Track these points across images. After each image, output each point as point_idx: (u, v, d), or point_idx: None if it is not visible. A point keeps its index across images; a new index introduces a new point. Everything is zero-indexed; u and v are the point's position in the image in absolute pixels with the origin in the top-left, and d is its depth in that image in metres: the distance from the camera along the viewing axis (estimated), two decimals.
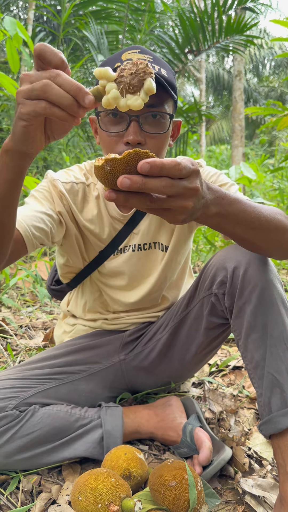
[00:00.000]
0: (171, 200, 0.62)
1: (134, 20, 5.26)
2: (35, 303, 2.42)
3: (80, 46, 5.52)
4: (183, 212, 0.64)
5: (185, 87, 17.90)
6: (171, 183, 0.59)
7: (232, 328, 1.00)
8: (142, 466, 0.99)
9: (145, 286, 1.23)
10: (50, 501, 0.96)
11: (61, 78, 0.59)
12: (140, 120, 0.96)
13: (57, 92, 0.58)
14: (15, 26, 2.16)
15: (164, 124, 1.00)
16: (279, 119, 2.91)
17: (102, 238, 1.16)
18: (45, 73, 0.60)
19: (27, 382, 1.09)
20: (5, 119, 5.18)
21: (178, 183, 0.60)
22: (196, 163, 0.65)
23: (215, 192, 0.72)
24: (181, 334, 1.19)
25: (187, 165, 0.61)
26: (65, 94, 0.58)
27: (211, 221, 0.75)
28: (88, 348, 1.24)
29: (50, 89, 0.58)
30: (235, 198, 0.76)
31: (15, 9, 7.99)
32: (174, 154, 5.62)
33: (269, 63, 16.50)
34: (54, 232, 1.06)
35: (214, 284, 1.04)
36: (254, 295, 0.93)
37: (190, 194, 0.63)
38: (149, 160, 0.57)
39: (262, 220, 0.80)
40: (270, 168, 8.18)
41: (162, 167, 0.58)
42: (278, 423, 0.86)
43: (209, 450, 1.03)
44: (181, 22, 4.86)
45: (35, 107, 0.59)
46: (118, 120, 0.98)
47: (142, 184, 0.58)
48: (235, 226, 0.78)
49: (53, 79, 0.59)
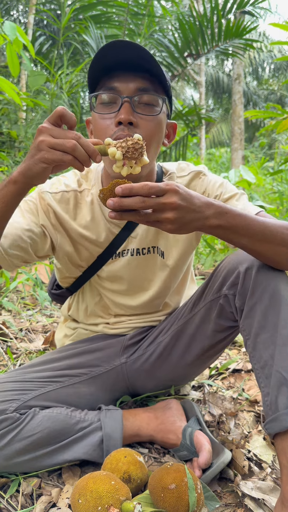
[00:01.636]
0: (154, 213, 0.80)
1: (134, 24, 5.29)
2: (35, 306, 2.43)
3: (80, 50, 5.54)
4: (169, 223, 0.81)
5: (185, 91, 17.96)
6: (142, 199, 0.77)
7: (242, 327, 1.00)
8: (142, 469, 0.99)
9: (146, 293, 1.23)
10: (50, 504, 0.97)
11: (82, 140, 0.78)
12: (132, 102, 0.98)
13: (81, 152, 0.78)
14: (15, 30, 2.18)
15: (156, 109, 1.02)
16: (279, 122, 2.92)
17: (99, 242, 1.16)
18: (71, 133, 0.79)
19: (27, 385, 1.09)
20: (5, 123, 5.19)
21: (150, 200, 0.78)
22: (171, 184, 0.79)
23: (217, 207, 0.85)
24: (183, 337, 1.19)
25: (156, 185, 0.77)
26: (85, 154, 0.79)
27: (216, 232, 0.88)
28: (89, 351, 1.24)
29: (77, 149, 0.77)
30: (239, 213, 0.87)
31: (15, 13, 8.03)
32: (174, 157, 5.63)
33: (269, 66, 16.57)
34: (36, 246, 1.10)
35: (225, 286, 1.04)
36: (266, 295, 0.93)
37: (168, 207, 0.79)
38: (121, 185, 0.77)
39: (267, 233, 0.89)
40: (269, 171, 8.19)
41: (131, 189, 0.76)
42: (284, 421, 0.85)
43: (208, 453, 1.03)
44: (180, 26, 4.88)
45: (62, 157, 0.77)
46: (111, 106, 1.00)
47: (120, 202, 0.77)
48: (241, 237, 0.89)
49: (77, 140, 0.78)
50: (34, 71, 4.38)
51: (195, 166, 1.21)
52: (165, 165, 1.22)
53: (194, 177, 1.18)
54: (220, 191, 1.15)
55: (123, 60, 0.96)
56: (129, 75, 0.98)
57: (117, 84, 0.98)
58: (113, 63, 0.97)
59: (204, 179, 1.17)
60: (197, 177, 1.18)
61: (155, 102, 1.01)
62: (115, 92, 0.99)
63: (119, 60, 0.96)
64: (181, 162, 1.24)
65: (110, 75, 0.99)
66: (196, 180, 1.18)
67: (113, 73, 0.99)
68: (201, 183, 1.17)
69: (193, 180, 1.18)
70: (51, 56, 5.89)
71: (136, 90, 0.98)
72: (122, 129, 0.96)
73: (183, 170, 1.20)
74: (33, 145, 0.80)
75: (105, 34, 5.36)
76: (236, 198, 1.14)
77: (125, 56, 0.95)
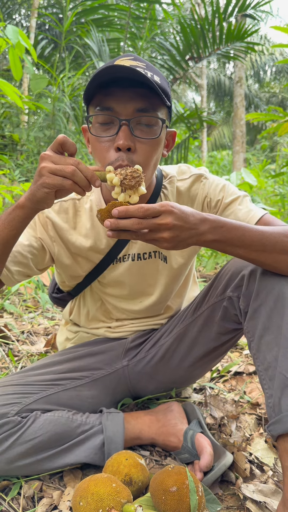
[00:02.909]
0: (150, 233, 0.83)
1: (136, 28, 5.31)
2: (37, 309, 2.43)
3: (82, 54, 5.56)
4: (165, 241, 0.83)
5: (186, 94, 17.99)
6: (138, 221, 0.80)
7: (246, 329, 0.99)
8: (143, 472, 0.99)
9: (149, 297, 1.23)
10: (52, 507, 0.97)
11: (81, 166, 0.83)
12: (130, 125, 0.94)
13: (80, 177, 0.83)
14: (18, 34, 2.19)
15: (155, 130, 0.98)
16: (280, 125, 2.92)
17: (100, 249, 1.16)
18: (70, 159, 0.83)
19: (29, 388, 1.09)
20: (7, 126, 5.21)
21: (146, 221, 0.80)
22: (165, 204, 0.82)
23: (212, 222, 0.87)
24: (186, 340, 1.19)
25: (151, 207, 0.80)
26: (84, 179, 0.83)
27: (212, 246, 0.90)
28: (91, 354, 1.24)
29: (76, 174, 0.82)
30: (235, 225, 0.89)
31: (17, 17, 8.07)
32: (175, 160, 5.63)
33: (270, 69, 16.58)
34: (36, 259, 1.12)
35: (229, 288, 1.04)
36: (270, 297, 0.93)
37: (163, 227, 0.81)
38: (118, 208, 0.80)
39: (266, 243, 0.89)
40: (271, 174, 8.20)
41: (127, 211, 0.80)
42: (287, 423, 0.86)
43: (210, 455, 1.03)
44: (182, 29, 4.90)
45: (62, 182, 0.82)
46: (109, 126, 0.97)
47: (117, 224, 0.80)
48: (237, 249, 0.90)
49: (76, 165, 0.82)
50: (36, 75, 4.41)
51: (196, 169, 1.20)
52: (165, 168, 1.21)
53: (195, 180, 1.17)
54: (221, 195, 1.13)
55: (119, 76, 0.92)
56: (126, 93, 0.94)
57: (114, 105, 0.94)
58: (107, 79, 0.93)
59: (206, 183, 1.16)
60: (198, 181, 1.17)
61: (154, 122, 0.98)
62: (112, 113, 0.95)
63: (115, 76, 0.92)
64: (181, 165, 1.23)
65: (106, 92, 0.95)
66: (197, 183, 1.17)
67: (109, 89, 0.94)
68: (203, 187, 1.16)
69: (194, 183, 1.17)
70: (53, 59, 5.92)
71: (134, 112, 0.94)
72: (122, 158, 0.93)
73: (183, 173, 1.19)
74: (36, 172, 0.84)
75: (106, 38, 5.38)
76: (238, 201, 1.12)
77: (121, 74, 0.92)
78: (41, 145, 5.02)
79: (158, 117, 0.98)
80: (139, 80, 0.91)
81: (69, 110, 4.90)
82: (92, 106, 0.99)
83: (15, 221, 0.90)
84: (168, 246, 0.85)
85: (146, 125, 0.97)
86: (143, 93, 0.94)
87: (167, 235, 0.82)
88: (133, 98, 0.94)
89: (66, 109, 4.87)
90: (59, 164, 0.82)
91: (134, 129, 0.95)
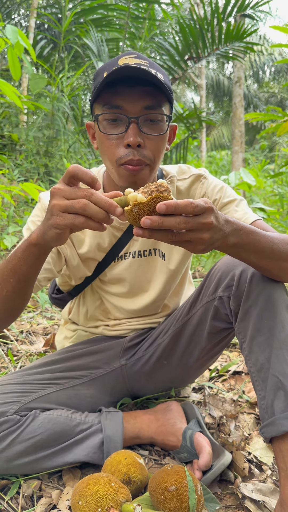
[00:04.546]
0: (189, 233, 0.71)
1: (135, 28, 5.31)
2: (36, 309, 2.43)
3: (81, 54, 5.56)
4: (201, 243, 0.73)
5: (186, 94, 18.01)
6: (185, 220, 0.68)
7: (237, 330, 1.00)
8: (142, 471, 0.99)
9: (147, 295, 1.23)
10: (51, 506, 0.97)
11: (95, 197, 0.71)
12: (139, 122, 0.97)
13: (94, 210, 0.71)
14: (17, 34, 2.19)
15: (162, 126, 1.01)
16: (279, 125, 2.92)
17: (103, 247, 1.17)
18: (81, 191, 0.72)
19: (28, 387, 1.09)
20: (6, 126, 5.21)
21: (192, 220, 0.69)
22: (209, 202, 0.72)
23: (233, 224, 0.80)
24: (182, 339, 1.20)
25: (199, 204, 0.69)
26: (100, 211, 0.71)
27: (230, 250, 0.84)
28: (89, 353, 1.25)
29: (88, 208, 0.71)
30: (251, 229, 0.83)
31: (16, 17, 8.06)
32: (174, 159, 5.64)
33: (269, 69, 16.60)
34: (55, 263, 1.13)
35: (220, 288, 1.04)
36: (261, 298, 0.93)
37: (205, 228, 0.71)
38: (165, 202, 0.66)
39: (275, 250, 0.87)
40: (270, 173, 8.20)
41: (176, 207, 0.67)
42: (280, 425, 0.86)
43: (209, 455, 1.03)
44: (181, 29, 4.91)
45: (73, 220, 0.72)
46: (117, 124, 0.99)
47: (160, 222, 0.67)
48: (251, 254, 0.86)
49: (88, 198, 0.71)
50: (35, 75, 4.40)
51: (196, 169, 1.21)
52: (166, 167, 1.23)
53: (195, 180, 1.18)
54: (219, 195, 1.15)
55: (126, 75, 0.94)
56: (134, 92, 0.96)
57: (123, 103, 0.96)
58: (114, 78, 0.94)
59: (205, 182, 1.18)
60: (197, 181, 1.18)
61: (160, 118, 1.00)
62: (121, 111, 0.97)
63: (122, 75, 0.94)
64: (181, 165, 1.24)
65: (113, 90, 0.96)
66: (197, 183, 1.18)
67: (117, 87, 0.96)
68: (201, 186, 1.17)
69: (194, 183, 1.18)
70: (52, 59, 5.92)
71: (142, 109, 0.97)
72: (132, 153, 0.96)
73: (184, 173, 1.20)
74: (47, 209, 0.76)
75: (106, 38, 5.38)
76: (235, 203, 1.14)
77: (129, 73, 0.93)
78: (40, 145, 5.02)
79: (164, 113, 1.01)
80: (146, 78, 0.93)
81: (68, 110, 4.90)
82: (98, 104, 1.01)
83: (30, 258, 0.84)
84: (200, 249, 0.75)
85: (152, 122, 0.99)
86: (150, 91, 0.97)
87: (206, 236, 0.72)
88: (141, 97, 0.96)
89: (65, 109, 4.88)
90: (71, 199, 0.73)
91: (142, 126, 0.98)
